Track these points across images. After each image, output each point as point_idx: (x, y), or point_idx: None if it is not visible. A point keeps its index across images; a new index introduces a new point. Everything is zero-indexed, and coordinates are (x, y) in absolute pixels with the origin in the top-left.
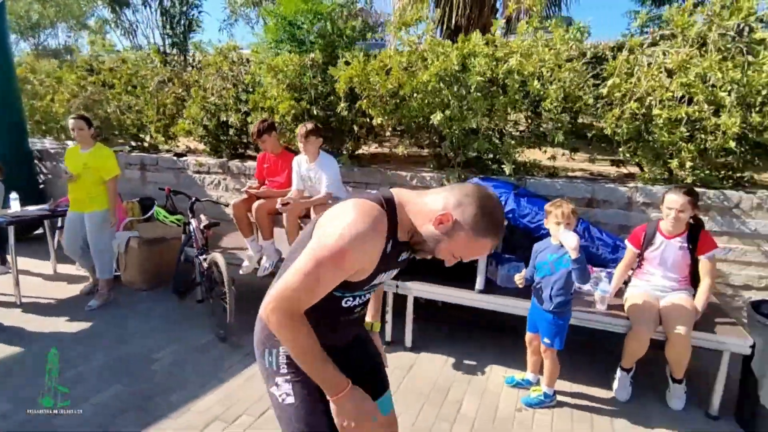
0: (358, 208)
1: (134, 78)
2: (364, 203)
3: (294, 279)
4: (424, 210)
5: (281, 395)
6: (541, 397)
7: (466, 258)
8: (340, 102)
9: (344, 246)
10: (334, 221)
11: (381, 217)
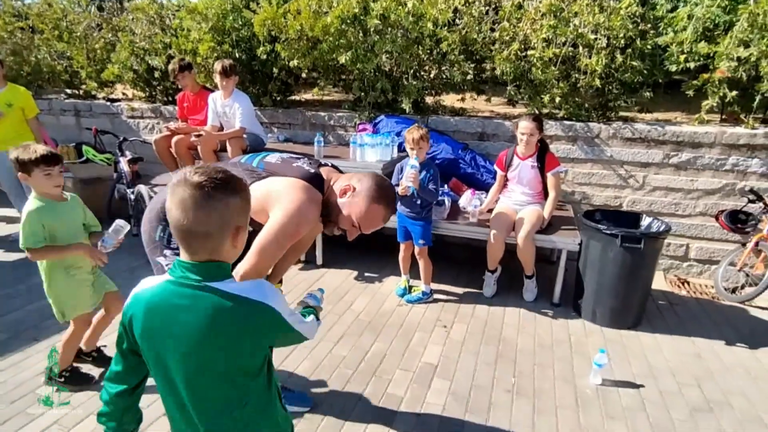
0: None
1: (62, 23)
2: (303, 187)
3: (259, 260)
4: (336, 187)
5: (167, 264)
6: (419, 295)
7: (364, 227)
8: (260, 45)
9: (300, 229)
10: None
11: (317, 197)
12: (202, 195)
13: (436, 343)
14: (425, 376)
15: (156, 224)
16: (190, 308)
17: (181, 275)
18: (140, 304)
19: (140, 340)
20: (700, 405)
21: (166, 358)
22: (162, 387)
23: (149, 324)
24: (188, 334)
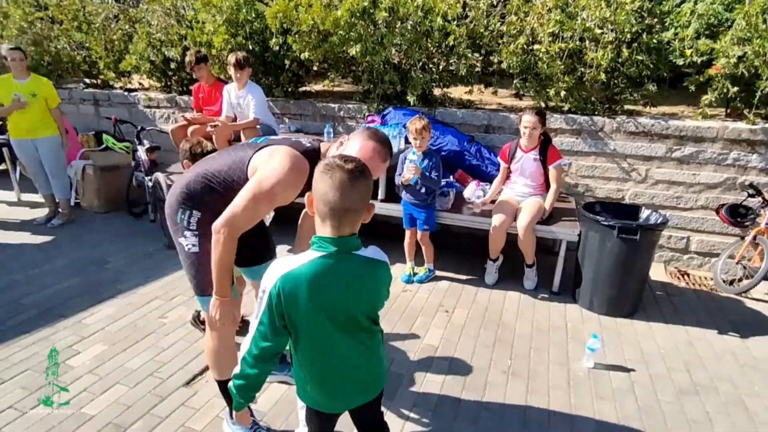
0: (285, 157)
1: (80, 14)
2: (290, 153)
3: (238, 212)
4: (333, 147)
5: (188, 245)
6: (426, 273)
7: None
8: (273, 37)
9: (275, 188)
10: (268, 165)
11: (303, 164)
12: (356, 179)
13: (437, 326)
14: (426, 356)
15: (177, 208)
16: (346, 275)
17: (333, 248)
18: (298, 280)
19: (300, 311)
20: (688, 388)
21: (326, 320)
22: (320, 347)
23: (312, 294)
24: (346, 294)
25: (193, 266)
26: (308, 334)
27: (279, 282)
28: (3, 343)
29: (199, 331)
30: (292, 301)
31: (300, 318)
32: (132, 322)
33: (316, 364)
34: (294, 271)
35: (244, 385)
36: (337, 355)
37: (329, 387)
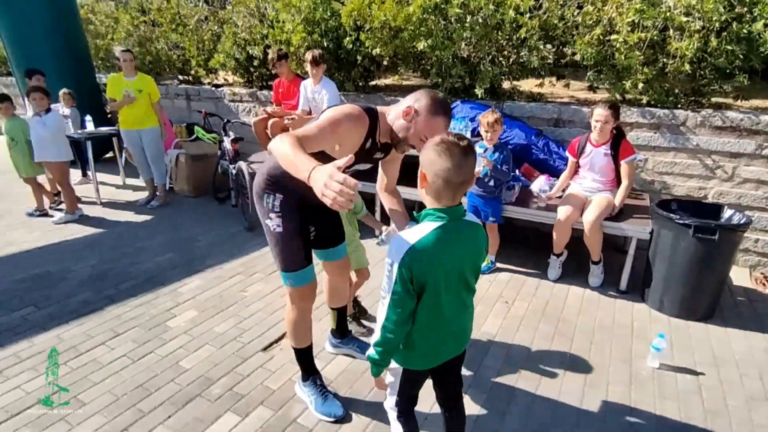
0: (348, 106)
1: (177, 17)
2: (353, 106)
3: (301, 130)
4: (396, 112)
5: (273, 225)
6: (488, 264)
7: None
8: (346, 35)
9: (338, 119)
10: (333, 109)
11: (363, 116)
12: (469, 155)
13: (496, 315)
14: (483, 344)
15: (262, 194)
16: (460, 239)
17: (449, 218)
18: (425, 250)
19: (427, 277)
20: (759, 395)
21: (445, 283)
22: (436, 308)
23: (437, 261)
24: (462, 256)
25: (278, 245)
26: (429, 297)
27: (407, 254)
28: (116, 303)
29: (280, 303)
30: (420, 269)
31: (426, 283)
32: (218, 293)
33: (431, 324)
34: (419, 243)
35: (384, 350)
36: (447, 314)
37: (436, 344)
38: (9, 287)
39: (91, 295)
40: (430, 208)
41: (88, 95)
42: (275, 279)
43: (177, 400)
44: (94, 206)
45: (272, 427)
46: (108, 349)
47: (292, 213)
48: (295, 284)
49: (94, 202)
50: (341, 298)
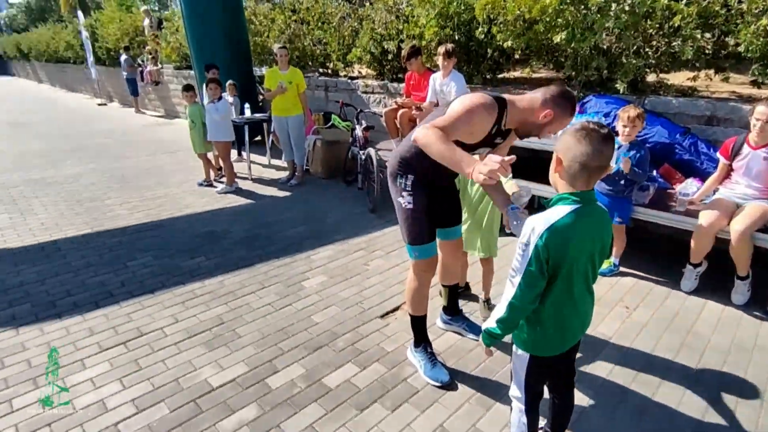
0: (480, 95)
1: (322, 16)
2: (483, 95)
3: (440, 121)
4: (529, 106)
5: (404, 203)
6: (611, 267)
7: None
8: (478, 28)
9: (473, 109)
10: (466, 98)
11: (494, 105)
12: (608, 142)
13: (614, 319)
14: (597, 343)
15: (395, 174)
16: (592, 223)
17: (584, 201)
18: (564, 231)
19: (564, 258)
20: None
21: (579, 265)
22: (569, 290)
23: (576, 242)
24: (595, 239)
25: (407, 220)
26: (562, 279)
27: (546, 234)
28: (264, 262)
29: (396, 279)
30: (557, 249)
31: (563, 264)
32: (344, 264)
33: (561, 306)
34: (558, 223)
35: (506, 326)
36: (576, 297)
37: (564, 327)
38: (187, 241)
39: (245, 252)
40: (564, 192)
41: (247, 86)
42: (394, 257)
43: (309, 345)
44: (246, 181)
45: (386, 381)
46: (257, 297)
47: (421, 192)
48: (420, 257)
49: (246, 178)
50: (453, 276)
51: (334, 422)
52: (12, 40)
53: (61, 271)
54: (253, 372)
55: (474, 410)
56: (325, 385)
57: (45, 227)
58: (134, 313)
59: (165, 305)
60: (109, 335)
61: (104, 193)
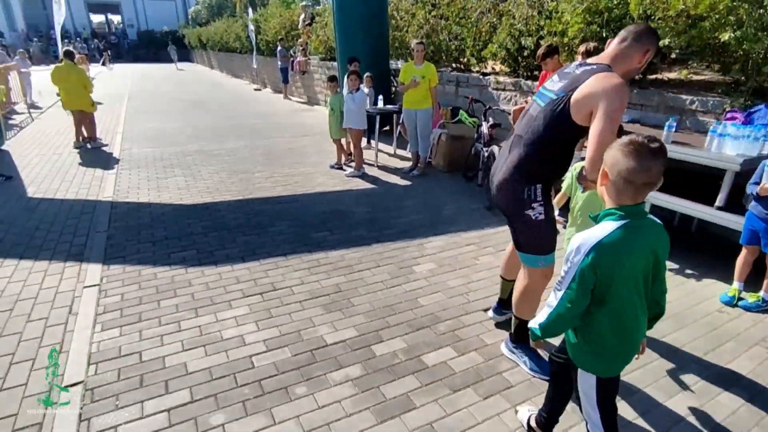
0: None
1: (462, 11)
2: (620, 81)
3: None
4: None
5: (535, 215)
6: (758, 302)
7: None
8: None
9: (619, 106)
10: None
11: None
12: (659, 157)
13: (750, 358)
14: (724, 376)
15: (522, 188)
16: (644, 237)
17: (631, 217)
18: (612, 248)
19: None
20: None
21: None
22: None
23: (625, 259)
24: (645, 257)
25: (541, 231)
26: (616, 298)
27: (593, 253)
28: (380, 243)
29: None
30: (606, 269)
31: (612, 283)
32: (454, 255)
33: (620, 328)
34: (605, 240)
35: (546, 333)
36: (634, 317)
37: (626, 349)
38: (316, 215)
39: (364, 232)
40: (610, 207)
41: (381, 79)
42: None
43: (412, 324)
44: (373, 167)
45: (480, 370)
46: (371, 274)
47: (548, 199)
48: (545, 264)
49: (372, 165)
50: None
51: (427, 396)
52: (195, 32)
53: (219, 228)
54: (361, 337)
55: (568, 417)
56: (423, 362)
57: (209, 190)
58: (270, 271)
59: (294, 268)
60: (250, 285)
61: (254, 167)
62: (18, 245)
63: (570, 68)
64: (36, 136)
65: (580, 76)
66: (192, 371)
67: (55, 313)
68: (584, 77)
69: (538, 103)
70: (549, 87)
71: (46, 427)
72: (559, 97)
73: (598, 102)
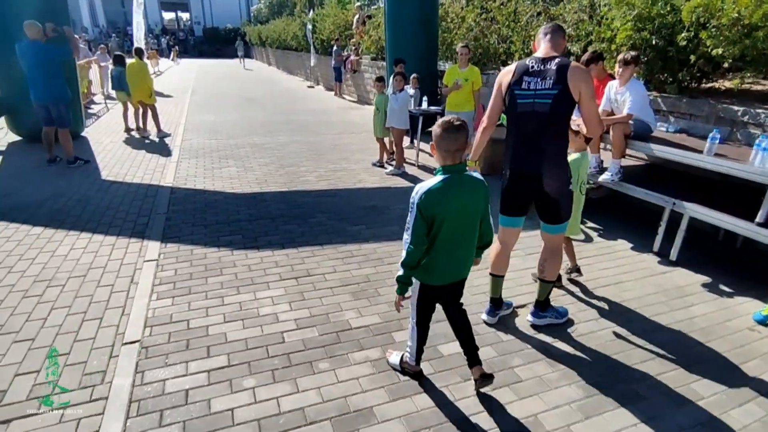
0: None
1: (512, 14)
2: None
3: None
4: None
5: (570, 188)
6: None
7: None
8: (682, 32)
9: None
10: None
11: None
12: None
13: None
14: (741, 393)
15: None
16: (461, 188)
17: (452, 171)
18: (433, 194)
19: (434, 213)
20: None
21: (453, 220)
22: (446, 240)
23: (440, 201)
24: (461, 201)
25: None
26: (437, 228)
27: (423, 195)
28: None
29: (528, 280)
30: (430, 205)
31: (435, 217)
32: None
33: (440, 249)
34: (432, 188)
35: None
36: (451, 244)
37: (445, 267)
38: (354, 209)
39: (397, 228)
40: (439, 167)
41: (428, 79)
42: (531, 259)
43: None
44: (413, 167)
45: (494, 363)
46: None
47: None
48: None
49: (413, 164)
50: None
51: (440, 381)
52: (256, 30)
53: (264, 216)
54: (383, 324)
55: (568, 416)
56: (439, 351)
57: (258, 181)
58: (307, 258)
59: (329, 257)
60: (287, 270)
61: (300, 161)
62: (92, 221)
63: (534, 65)
64: (110, 125)
65: (560, 69)
66: (230, 340)
67: (119, 282)
68: (563, 69)
69: (540, 103)
70: (535, 87)
71: (108, 374)
72: (560, 90)
73: (582, 86)
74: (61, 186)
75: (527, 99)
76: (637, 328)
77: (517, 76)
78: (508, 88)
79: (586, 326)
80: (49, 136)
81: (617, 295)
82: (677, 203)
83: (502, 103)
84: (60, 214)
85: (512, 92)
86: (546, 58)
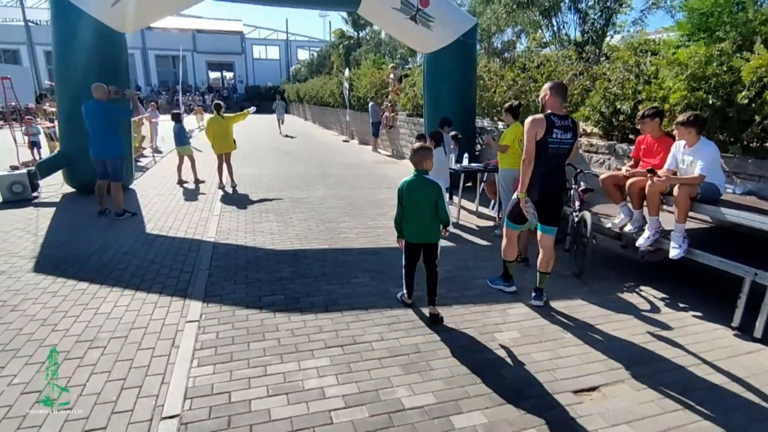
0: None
1: (553, 74)
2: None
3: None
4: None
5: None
6: None
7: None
8: (742, 91)
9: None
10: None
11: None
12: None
13: None
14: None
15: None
16: (419, 184)
17: (416, 174)
18: (408, 185)
19: (406, 196)
20: None
21: (414, 200)
22: (411, 212)
23: (406, 190)
24: (417, 192)
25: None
26: (408, 206)
27: (402, 185)
28: (460, 304)
29: (596, 357)
30: (404, 192)
31: (404, 199)
32: (539, 326)
33: (411, 219)
34: (407, 180)
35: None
36: (414, 217)
37: (413, 230)
38: (397, 269)
39: (444, 291)
40: (414, 171)
41: (468, 136)
42: (596, 332)
43: (493, 398)
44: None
45: None
46: (451, 337)
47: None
48: None
49: (454, 222)
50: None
51: None
52: (295, 87)
53: (306, 275)
54: (439, 406)
55: None
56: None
57: (298, 237)
58: (352, 323)
59: (375, 323)
60: (332, 336)
61: (339, 217)
62: (136, 276)
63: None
64: (156, 178)
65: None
66: (275, 419)
67: (160, 345)
68: (575, 125)
69: (564, 147)
70: (561, 138)
71: None
72: (575, 141)
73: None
74: (110, 238)
75: (555, 145)
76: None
77: (550, 130)
78: (543, 137)
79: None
80: (102, 188)
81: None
82: (759, 273)
83: (537, 145)
84: (106, 267)
85: (546, 141)
86: (563, 116)
